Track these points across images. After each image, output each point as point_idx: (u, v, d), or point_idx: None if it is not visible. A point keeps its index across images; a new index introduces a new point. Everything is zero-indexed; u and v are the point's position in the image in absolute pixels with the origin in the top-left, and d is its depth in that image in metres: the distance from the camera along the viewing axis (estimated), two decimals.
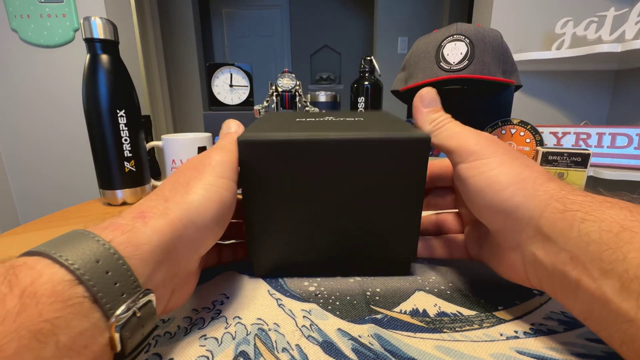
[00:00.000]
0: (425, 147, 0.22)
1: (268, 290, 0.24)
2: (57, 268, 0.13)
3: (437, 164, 0.27)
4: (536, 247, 0.18)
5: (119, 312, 0.13)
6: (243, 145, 0.22)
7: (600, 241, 0.15)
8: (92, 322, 0.13)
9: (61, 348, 0.11)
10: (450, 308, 0.22)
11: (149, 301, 0.15)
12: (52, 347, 0.11)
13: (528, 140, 0.57)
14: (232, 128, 0.25)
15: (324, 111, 0.69)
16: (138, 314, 0.14)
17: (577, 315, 0.17)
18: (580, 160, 0.43)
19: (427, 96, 0.24)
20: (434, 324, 0.20)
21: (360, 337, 0.19)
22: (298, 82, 0.51)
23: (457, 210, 0.28)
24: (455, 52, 0.53)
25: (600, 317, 0.15)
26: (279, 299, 0.23)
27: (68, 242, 0.14)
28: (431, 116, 0.23)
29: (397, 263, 0.26)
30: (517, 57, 1.23)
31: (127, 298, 0.14)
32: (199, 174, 0.20)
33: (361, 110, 0.69)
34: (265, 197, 0.23)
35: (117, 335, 0.13)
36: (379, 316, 0.21)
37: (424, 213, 0.26)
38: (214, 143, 0.63)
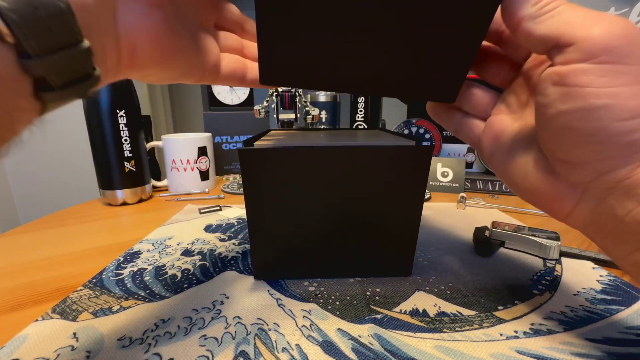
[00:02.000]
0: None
1: (268, 290, 0.24)
2: None
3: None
4: (613, 193, 0.15)
5: None
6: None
7: None
8: None
9: None
10: (450, 308, 0.22)
11: None
12: None
13: None
14: None
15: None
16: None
17: (627, 265, 0.15)
18: None
19: None
20: (434, 324, 0.20)
21: (360, 337, 0.19)
22: None
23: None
24: None
25: None
26: (279, 299, 0.23)
27: None
28: None
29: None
30: None
31: None
32: None
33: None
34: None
35: None
36: (379, 316, 0.21)
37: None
38: (214, 143, 0.63)
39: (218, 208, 0.44)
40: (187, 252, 0.30)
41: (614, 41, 0.13)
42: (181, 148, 0.51)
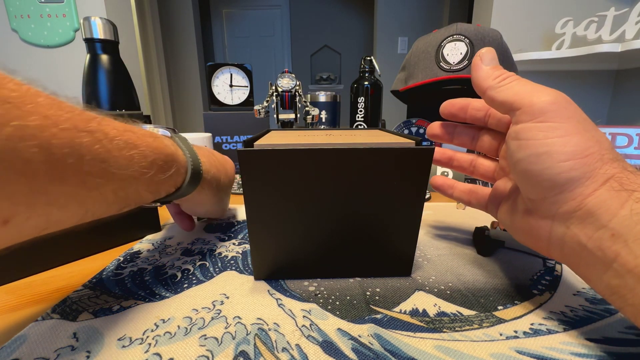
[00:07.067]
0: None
1: (268, 290, 0.24)
2: None
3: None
4: (572, 222, 0.18)
5: None
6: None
7: None
8: None
9: None
10: (450, 308, 0.22)
11: None
12: None
13: None
14: None
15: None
16: None
17: (601, 289, 0.17)
18: None
19: (488, 54, 0.23)
20: (434, 324, 0.20)
21: (360, 337, 0.19)
22: (298, 82, 0.51)
23: (495, 159, 0.28)
24: (455, 52, 0.53)
25: (634, 293, 0.15)
26: (279, 299, 0.23)
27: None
28: (494, 72, 0.22)
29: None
30: (517, 57, 1.23)
31: None
32: None
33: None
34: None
35: None
36: (378, 316, 0.21)
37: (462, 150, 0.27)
38: (214, 143, 0.63)
39: None
40: (187, 252, 0.30)
41: (546, 107, 0.18)
42: None
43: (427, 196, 0.50)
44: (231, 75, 0.67)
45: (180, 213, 0.33)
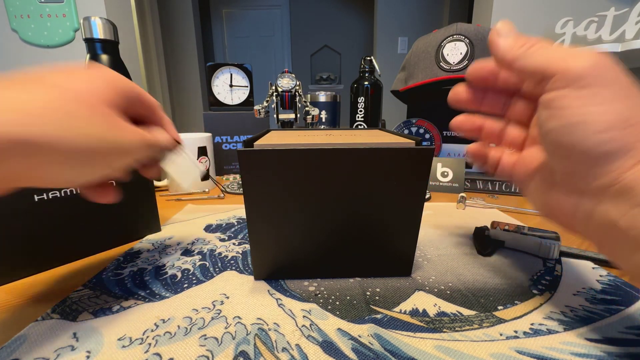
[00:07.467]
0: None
1: (268, 290, 0.24)
2: None
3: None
4: (605, 197, 0.16)
5: None
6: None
7: None
8: None
9: None
10: (450, 308, 0.22)
11: None
12: None
13: None
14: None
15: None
16: None
17: (630, 268, 0.16)
18: None
19: (505, 26, 0.21)
20: (434, 324, 0.20)
21: (360, 337, 0.19)
22: (298, 82, 0.51)
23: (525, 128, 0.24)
24: (455, 52, 0.53)
25: None
26: (279, 299, 0.23)
27: None
28: (518, 40, 0.19)
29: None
30: None
31: None
32: None
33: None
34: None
35: None
36: (378, 316, 0.21)
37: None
38: (214, 143, 0.63)
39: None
40: (187, 252, 0.30)
41: (585, 71, 0.16)
42: None
43: (427, 196, 0.50)
44: (231, 75, 0.67)
45: (90, 188, 0.22)
